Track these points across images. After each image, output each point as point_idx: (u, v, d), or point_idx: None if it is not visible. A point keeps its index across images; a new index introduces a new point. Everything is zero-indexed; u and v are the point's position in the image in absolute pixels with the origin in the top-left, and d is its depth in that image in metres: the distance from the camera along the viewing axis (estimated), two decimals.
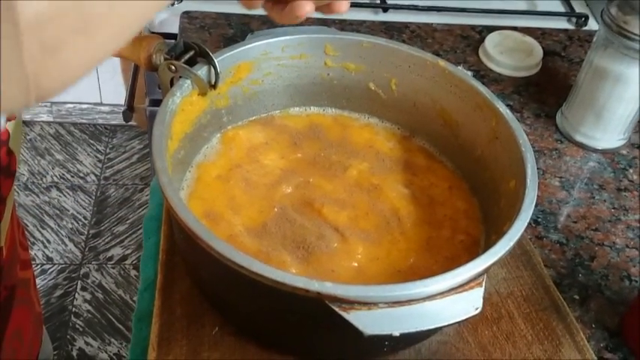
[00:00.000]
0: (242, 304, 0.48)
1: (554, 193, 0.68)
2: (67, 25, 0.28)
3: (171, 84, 0.53)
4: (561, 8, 0.96)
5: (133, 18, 0.33)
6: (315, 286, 0.40)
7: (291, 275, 0.40)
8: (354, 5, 0.89)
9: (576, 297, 0.59)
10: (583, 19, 0.92)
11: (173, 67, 0.52)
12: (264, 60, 0.59)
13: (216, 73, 0.54)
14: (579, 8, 0.96)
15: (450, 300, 0.41)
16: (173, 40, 0.57)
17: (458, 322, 0.41)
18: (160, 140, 0.47)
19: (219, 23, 0.82)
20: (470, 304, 0.41)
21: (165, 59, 0.52)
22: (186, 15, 0.82)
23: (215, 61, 0.53)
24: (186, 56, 0.53)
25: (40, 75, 0.28)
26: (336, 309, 0.40)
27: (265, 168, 0.58)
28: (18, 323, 0.62)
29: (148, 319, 0.51)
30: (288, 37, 0.59)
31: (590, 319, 0.57)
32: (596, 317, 0.57)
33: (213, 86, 0.54)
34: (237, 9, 0.85)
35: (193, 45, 0.53)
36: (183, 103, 0.52)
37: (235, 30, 0.82)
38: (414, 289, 0.40)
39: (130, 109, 0.91)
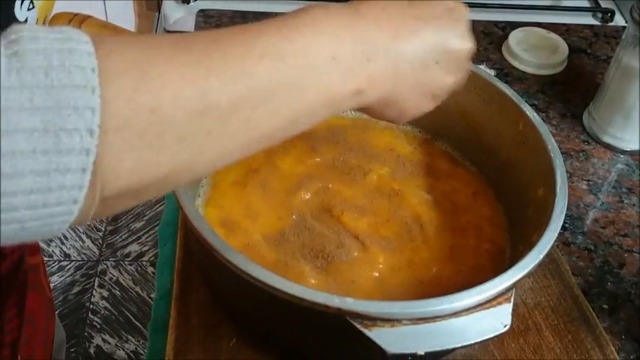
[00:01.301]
0: (260, 317, 0.46)
1: (581, 197, 0.66)
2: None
3: None
4: (586, 3, 0.93)
5: None
6: (335, 301, 0.38)
7: (311, 290, 0.39)
8: None
9: (605, 306, 0.57)
10: (609, 14, 0.90)
11: None
12: None
13: None
14: (605, 3, 0.93)
15: (476, 316, 0.39)
16: None
17: (485, 341, 0.39)
18: None
19: (235, 22, 0.81)
20: (498, 320, 0.40)
21: None
22: (202, 13, 0.80)
23: None
24: None
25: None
26: (358, 326, 0.38)
27: (283, 173, 0.56)
28: (31, 308, 0.62)
29: (163, 330, 0.50)
30: None
31: (620, 329, 0.55)
32: (626, 328, 0.55)
33: None
34: (253, 7, 0.83)
35: None
36: None
37: None
38: (439, 305, 0.39)
39: None
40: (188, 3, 0.82)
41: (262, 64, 0.34)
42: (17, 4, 0.43)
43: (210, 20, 0.80)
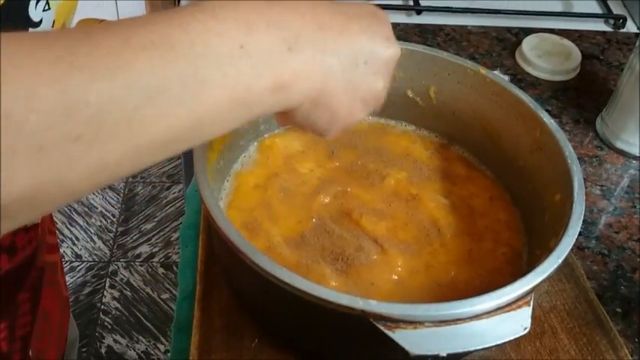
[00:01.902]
0: (283, 318, 0.47)
1: (595, 202, 0.66)
2: None
3: None
4: (598, 9, 0.94)
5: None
6: (359, 303, 0.39)
7: (336, 292, 0.40)
8: (387, 8, 0.88)
9: (618, 310, 0.58)
10: (621, 20, 0.90)
11: None
12: None
13: None
14: (617, 9, 0.93)
15: (497, 319, 0.40)
16: None
17: (506, 343, 0.40)
18: (201, 152, 0.47)
19: None
20: (518, 323, 0.41)
21: None
22: None
23: None
24: None
25: None
26: (381, 327, 0.39)
27: (302, 177, 0.58)
28: (46, 305, 0.63)
29: (187, 330, 0.51)
30: None
31: (633, 332, 0.56)
32: (639, 331, 0.56)
33: None
34: None
35: None
36: None
37: None
38: (461, 308, 0.40)
39: None
40: None
41: (144, 54, 0.28)
42: (32, 4, 0.43)
43: None
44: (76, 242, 1.65)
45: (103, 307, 1.52)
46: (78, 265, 1.60)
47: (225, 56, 0.30)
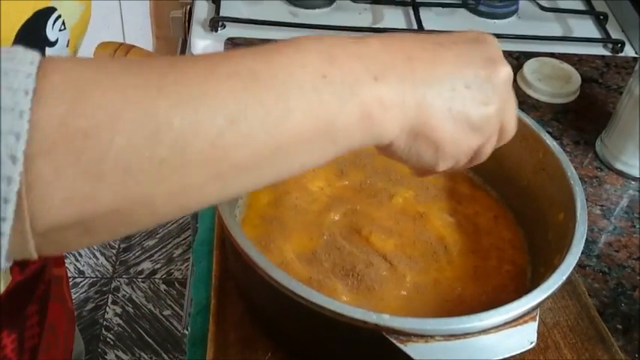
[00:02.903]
0: (296, 332, 0.49)
1: (595, 222, 0.68)
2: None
3: None
4: (597, 34, 0.97)
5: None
6: (372, 317, 0.41)
7: (350, 306, 0.42)
8: (391, 29, 0.90)
9: (619, 326, 0.59)
10: (619, 45, 0.93)
11: None
12: None
13: None
14: (615, 34, 0.96)
15: (504, 334, 0.42)
16: None
17: (513, 356, 0.42)
18: None
19: None
20: (524, 337, 0.42)
21: None
22: (231, 42, 0.84)
23: None
24: None
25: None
26: (394, 341, 0.41)
27: (313, 195, 0.59)
28: (53, 318, 0.64)
29: (201, 344, 0.52)
30: None
31: (634, 348, 0.58)
32: (639, 347, 0.58)
33: None
34: (280, 35, 0.87)
35: None
36: None
37: None
38: (470, 322, 0.41)
39: None
40: (216, 31, 0.86)
41: (228, 83, 0.29)
42: (49, 24, 0.44)
43: (238, 48, 0.84)
44: (79, 258, 1.66)
45: (105, 323, 1.53)
46: (81, 281, 1.61)
47: (308, 85, 0.30)
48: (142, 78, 0.28)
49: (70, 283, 1.59)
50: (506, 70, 0.38)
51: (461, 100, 0.35)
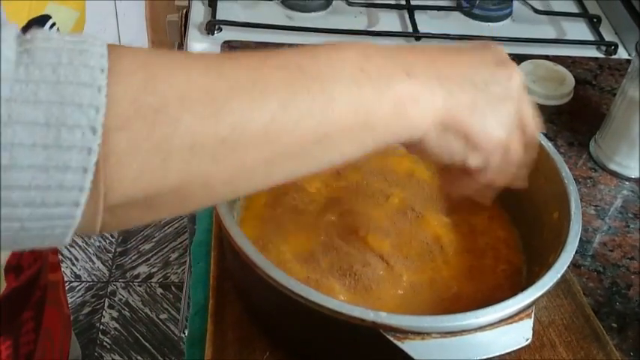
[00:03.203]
0: (294, 330, 0.49)
1: (589, 222, 0.69)
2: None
3: None
4: (590, 36, 0.98)
5: None
6: (370, 315, 0.41)
7: (348, 305, 0.42)
8: (387, 34, 0.91)
9: (614, 325, 0.60)
10: (612, 47, 0.94)
11: None
12: None
13: None
14: (608, 36, 0.97)
15: (500, 331, 0.43)
16: None
17: (509, 353, 0.42)
18: None
19: None
20: (520, 334, 0.43)
21: None
22: (227, 44, 0.84)
23: None
24: None
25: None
26: (391, 338, 0.42)
27: (310, 196, 0.60)
28: (49, 323, 0.64)
29: (200, 344, 0.53)
30: None
31: (629, 347, 0.58)
32: (634, 345, 0.58)
33: None
34: (276, 38, 0.88)
35: None
36: None
37: None
38: (466, 320, 0.42)
39: None
40: (213, 34, 0.86)
41: (278, 72, 0.32)
42: (46, 29, 0.45)
43: (234, 51, 0.85)
44: (75, 262, 1.66)
45: (102, 327, 1.53)
46: (77, 286, 1.61)
47: (348, 78, 0.33)
48: (203, 63, 0.31)
49: (67, 288, 1.59)
50: (518, 71, 0.41)
51: (482, 95, 0.38)
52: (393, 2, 0.99)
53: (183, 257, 1.68)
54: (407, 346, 0.41)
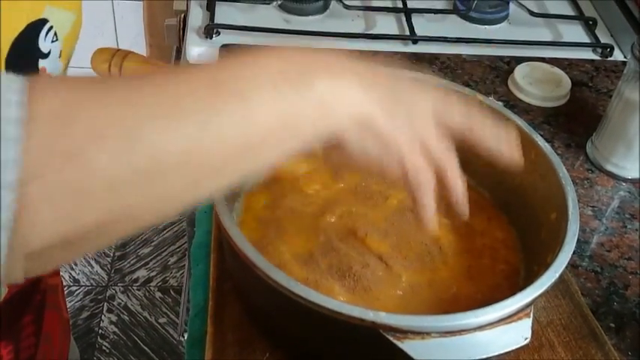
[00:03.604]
0: (294, 331, 0.50)
1: (587, 222, 0.69)
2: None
3: None
4: (586, 39, 0.98)
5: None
6: (370, 315, 0.42)
7: (347, 305, 0.42)
8: (385, 37, 0.92)
9: (612, 325, 0.60)
10: (608, 49, 0.94)
11: None
12: None
13: None
14: (604, 39, 0.98)
15: (499, 330, 0.43)
16: None
17: (508, 352, 0.42)
18: None
19: None
20: (519, 334, 0.43)
21: None
22: (225, 48, 0.85)
23: None
24: None
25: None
26: (391, 338, 0.42)
27: (309, 198, 0.60)
28: (49, 327, 0.64)
29: (200, 345, 0.53)
30: None
31: (627, 346, 0.59)
32: (632, 345, 0.59)
33: None
34: (274, 41, 0.88)
35: None
36: None
37: None
38: (466, 319, 0.42)
39: None
40: (211, 38, 0.87)
41: (197, 93, 0.31)
42: (42, 35, 0.45)
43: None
44: (73, 267, 1.66)
45: (100, 331, 1.53)
46: (76, 290, 1.61)
47: (268, 82, 0.33)
48: (122, 94, 0.30)
49: (65, 292, 1.59)
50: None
51: (391, 90, 0.39)
52: (390, 5, 1.00)
53: (182, 261, 1.68)
54: (406, 345, 0.41)
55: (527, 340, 0.43)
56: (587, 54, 0.95)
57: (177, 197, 0.32)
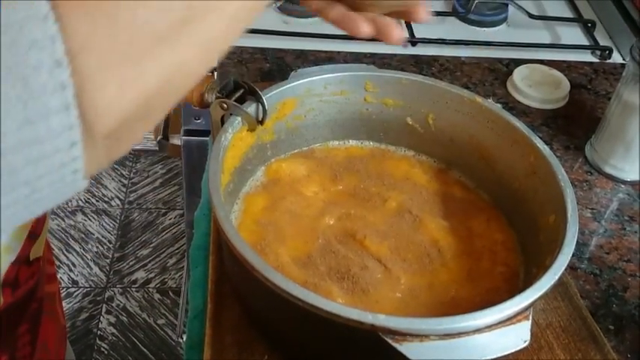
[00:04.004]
0: (293, 333, 0.50)
1: (586, 224, 0.69)
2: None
3: (222, 120, 0.55)
4: (585, 41, 0.98)
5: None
6: (368, 318, 0.42)
7: (346, 307, 0.42)
8: None
9: (611, 327, 0.60)
10: (607, 52, 0.95)
11: (225, 105, 0.54)
12: (307, 97, 0.61)
13: (264, 110, 0.56)
14: (603, 41, 0.98)
15: (498, 333, 0.43)
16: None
17: (507, 355, 0.42)
18: (215, 176, 0.50)
19: (255, 58, 0.85)
20: (518, 336, 0.43)
21: (217, 97, 0.55)
22: None
23: (263, 98, 0.56)
24: (237, 94, 0.55)
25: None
26: (389, 340, 0.42)
27: (308, 200, 0.60)
28: (45, 335, 0.64)
29: (199, 347, 0.53)
30: (330, 75, 0.61)
31: (626, 348, 0.58)
32: (631, 347, 0.59)
33: (261, 122, 0.57)
34: (273, 44, 0.88)
35: (243, 84, 0.56)
36: (234, 139, 0.55)
37: (271, 64, 0.85)
38: (465, 322, 0.42)
39: (165, 138, 0.94)
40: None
41: None
42: None
43: (232, 56, 0.85)
44: (72, 268, 1.66)
45: (99, 332, 1.53)
46: (74, 291, 1.61)
47: None
48: None
49: (64, 294, 1.59)
50: None
51: None
52: None
53: (180, 262, 1.68)
54: (405, 348, 0.41)
55: (527, 343, 0.43)
56: (586, 56, 0.95)
57: (221, 38, 0.32)
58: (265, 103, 0.56)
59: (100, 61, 0.26)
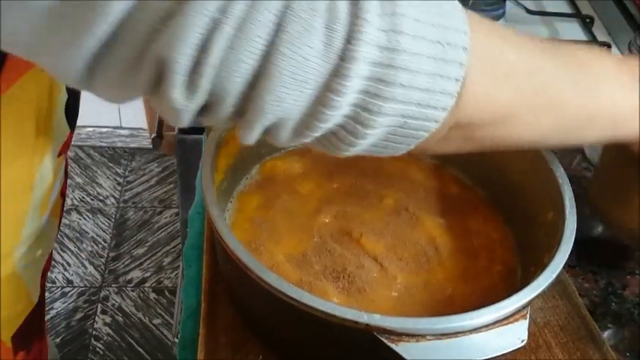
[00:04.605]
0: (287, 333, 0.49)
1: (584, 222, 0.69)
2: None
3: None
4: (583, 37, 0.98)
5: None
6: (364, 318, 0.41)
7: (341, 307, 0.42)
8: None
9: (610, 325, 0.59)
10: (605, 47, 0.94)
11: None
12: None
13: None
14: (601, 37, 0.97)
15: (495, 332, 0.42)
16: None
17: (504, 354, 0.42)
18: (208, 174, 0.49)
19: None
20: (515, 336, 0.42)
21: None
22: None
23: None
24: None
25: None
26: (385, 341, 0.41)
27: (303, 198, 0.59)
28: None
29: (192, 347, 0.52)
30: None
31: (625, 347, 0.58)
32: (630, 345, 0.58)
33: None
34: None
35: None
36: (228, 137, 0.54)
37: None
38: (461, 321, 0.41)
39: (159, 136, 0.93)
40: None
41: (563, 60, 0.41)
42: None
43: None
44: (67, 268, 1.65)
45: (94, 332, 1.52)
46: (69, 291, 1.60)
47: (610, 72, 0.42)
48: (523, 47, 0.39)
49: (59, 293, 1.58)
50: None
51: None
52: None
53: (176, 262, 1.67)
54: (402, 348, 0.41)
55: (524, 342, 0.42)
56: None
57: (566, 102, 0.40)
58: None
59: (480, 70, 0.35)
